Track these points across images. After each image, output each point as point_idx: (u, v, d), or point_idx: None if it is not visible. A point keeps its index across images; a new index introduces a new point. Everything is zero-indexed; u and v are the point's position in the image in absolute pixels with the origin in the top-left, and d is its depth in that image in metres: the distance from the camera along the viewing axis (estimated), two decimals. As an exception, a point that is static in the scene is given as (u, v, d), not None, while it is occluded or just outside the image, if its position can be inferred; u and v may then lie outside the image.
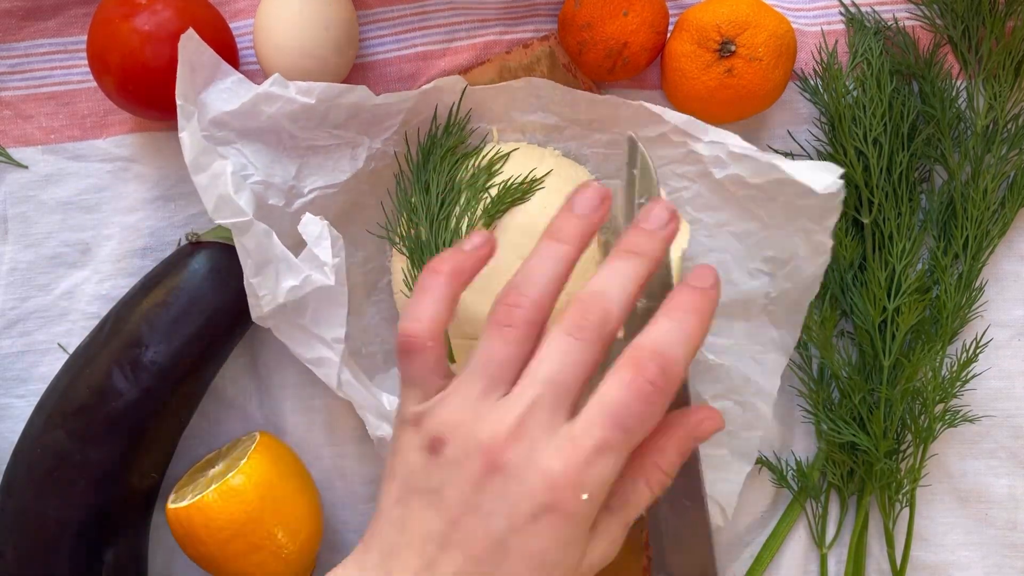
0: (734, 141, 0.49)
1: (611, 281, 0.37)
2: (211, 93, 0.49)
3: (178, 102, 0.46)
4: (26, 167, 0.56)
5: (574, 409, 0.36)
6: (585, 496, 0.34)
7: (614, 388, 0.35)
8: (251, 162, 0.49)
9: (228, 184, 0.46)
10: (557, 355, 0.36)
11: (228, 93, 0.49)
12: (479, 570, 0.34)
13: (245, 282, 0.48)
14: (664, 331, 0.36)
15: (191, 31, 0.46)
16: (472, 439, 0.35)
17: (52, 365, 0.55)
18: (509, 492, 0.34)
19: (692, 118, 0.50)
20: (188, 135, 0.47)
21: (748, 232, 0.51)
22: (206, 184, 0.47)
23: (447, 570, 0.35)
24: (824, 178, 0.47)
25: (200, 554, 0.49)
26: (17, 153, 0.56)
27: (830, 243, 0.49)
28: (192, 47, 0.47)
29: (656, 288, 0.45)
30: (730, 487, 0.52)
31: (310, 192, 0.50)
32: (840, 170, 0.47)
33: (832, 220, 0.48)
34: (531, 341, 0.37)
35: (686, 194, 0.52)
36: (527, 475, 0.34)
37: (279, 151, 0.50)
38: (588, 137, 0.53)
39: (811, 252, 0.49)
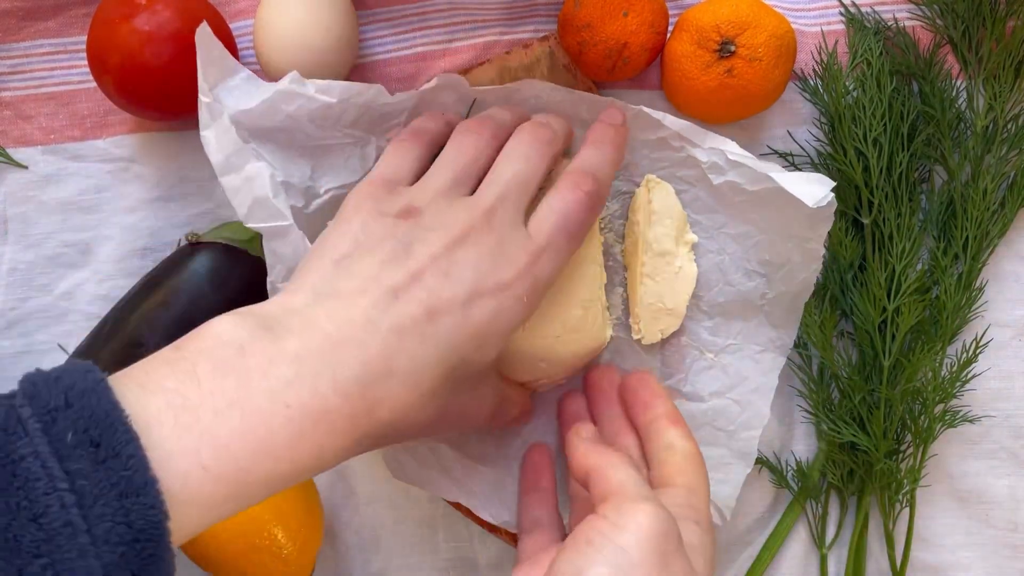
0: (732, 148, 0.49)
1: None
2: (222, 91, 0.46)
3: (202, 99, 0.44)
4: (26, 167, 0.56)
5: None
6: (529, 287, 0.40)
7: (560, 198, 0.43)
8: (269, 162, 0.47)
9: (267, 186, 0.44)
10: (518, 159, 0.43)
11: (238, 91, 0.47)
12: (426, 324, 0.37)
13: (270, 287, 0.46)
14: (591, 156, 0.45)
15: (204, 24, 0.44)
16: (449, 214, 0.41)
17: (52, 366, 0.55)
18: (480, 264, 0.39)
19: (691, 124, 0.50)
20: (214, 134, 0.44)
21: (745, 234, 0.51)
22: (238, 186, 0.44)
23: (394, 319, 0.37)
24: (816, 191, 0.47)
25: (199, 554, 0.49)
26: (17, 153, 0.56)
27: (822, 251, 0.49)
28: (205, 41, 0.44)
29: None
30: (728, 489, 0.52)
31: (325, 192, 0.49)
32: (831, 183, 0.47)
33: (825, 229, 0.48)
34: (492, 150, 0.44)
35: (685, 197, 0.52)
36: (498, 256, 0.40)
37: (291, 151, 0.48)
38: None
39: (804, 259, 0.50)
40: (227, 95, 0.46)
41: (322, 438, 0.35)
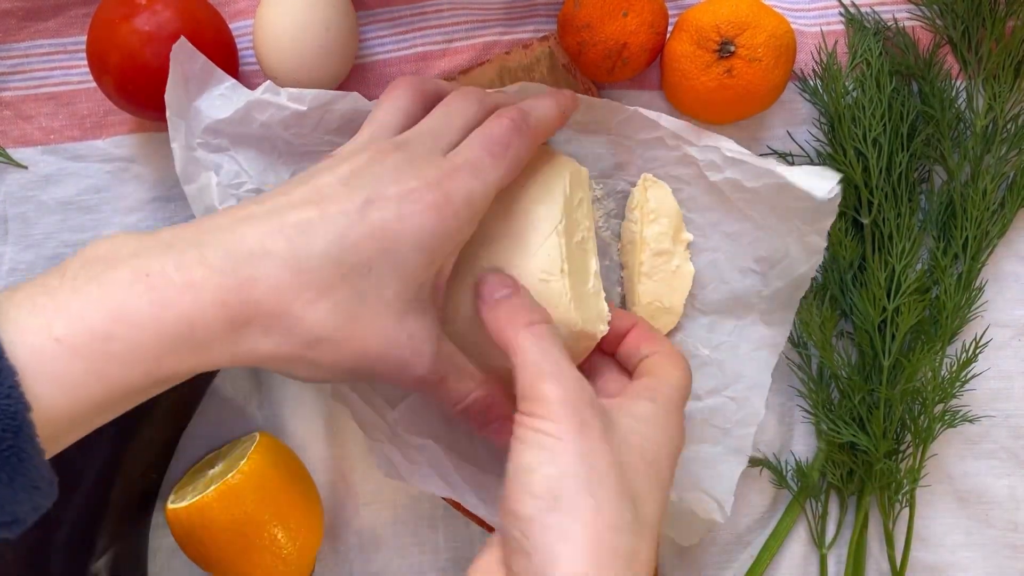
0: (728, 145, 0.50)
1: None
2: (205, 100, 0.48)
3: (167, 115, 0.47)
4: (26, 167, 0.56)
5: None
6: (440, 195, 0.39)
7: (485, 125, 0.42)
8: (245, 170, 0.49)
9: (214, 195, 0.47)
10: (440, 113, 0.43)
11: (222, 100, 0.48)
12: (317, 221, 0.37)
13: None
14: (526, 103, 0.45)
15: (183, 39, 0.46)
16: (360, 150, 0.40)
17: (52, 365, 0.55)
18: (383, 176, 0.38)
19: (686, 123, 0.50)
20: (178, 146, 0.47)
21: (741, 232, 0.51)
22: (195, 195, 0.48)
23: (279, 215, 0.37)
24: (824, 184, 0.47)
25: (200, 554, 0.49)
26: (17, 153, 0.56)
27: (823, 244, 0.49)
28: (184, 55, 0.47)
29: None
30: (726, 483, 0.52)
31: None
32: (838, 175, 0.47)
33: (828, 222, 0.48)
34: (412, 101, 0.44)
35: (680, 195, 0.52)
36: (404, 170, 0.39)
37: (273, 157, 0.50)
38: (584, 137, 0.53)
39: (804, 252, 0.50)
40: (208, 105, 0.48)
41: (188, 311, 0.33)
